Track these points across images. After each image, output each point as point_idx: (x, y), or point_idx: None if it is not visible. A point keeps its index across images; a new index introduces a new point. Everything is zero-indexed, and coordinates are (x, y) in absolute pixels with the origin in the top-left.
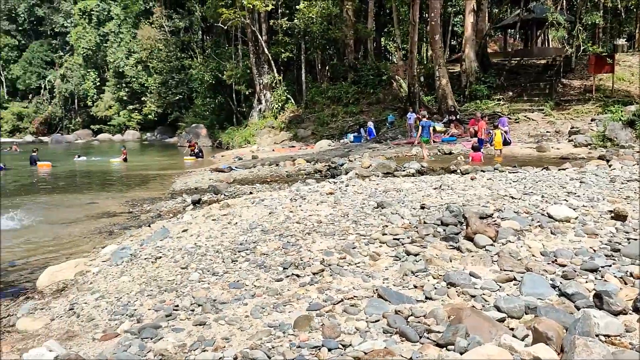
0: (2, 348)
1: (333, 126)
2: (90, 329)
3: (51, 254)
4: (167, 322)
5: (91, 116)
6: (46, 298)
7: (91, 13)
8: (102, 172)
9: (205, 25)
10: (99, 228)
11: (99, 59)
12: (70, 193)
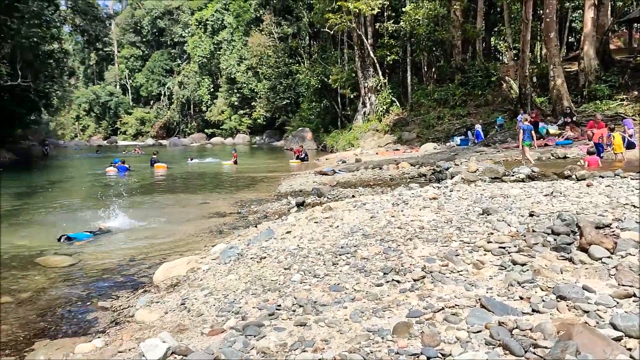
0: (123, 336)
1: (439, 129)
2: (199, 324)
3: (167, 250)
4: (270, 321)
5: (205, 120)
6: (161, 292)
7: (206, 23)
8: (214, 174)
9: (312, 31)
10: (210, 227)
11: (212, 66)
12: (185, 193)
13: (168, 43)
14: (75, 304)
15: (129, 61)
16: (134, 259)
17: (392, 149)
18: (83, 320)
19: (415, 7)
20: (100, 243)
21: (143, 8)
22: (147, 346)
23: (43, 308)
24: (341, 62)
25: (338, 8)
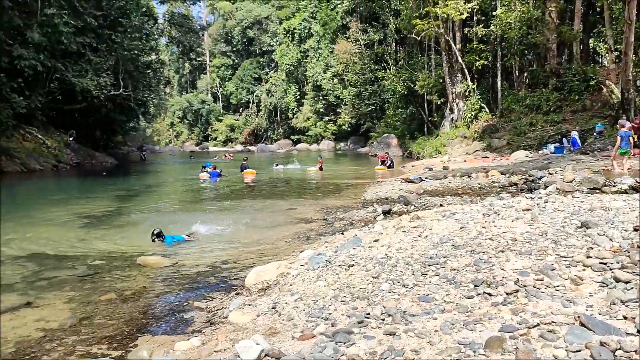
0: (218, 336)
1: (531, 136)
2: (290, 328)
3: (256, 254)
4: (359, 328)
5: (291, 127)
6: (253, 295)
7: (294, 31)
8: (299, 180)
9: (398, 37)
10: (297, 233)
11: (299, 73)
12: (272, 199)
13: (257, 52)
14: (173, 303)
15: (220, 70)
16: (226, 262)
17: (480, 157)
18: (181, 319)
19: (507, 10)
20: (194, 246)
21: (234, 19)
22: (242, 347)
23: (144, 305)
24: (428, 68)
25: (425, 14)
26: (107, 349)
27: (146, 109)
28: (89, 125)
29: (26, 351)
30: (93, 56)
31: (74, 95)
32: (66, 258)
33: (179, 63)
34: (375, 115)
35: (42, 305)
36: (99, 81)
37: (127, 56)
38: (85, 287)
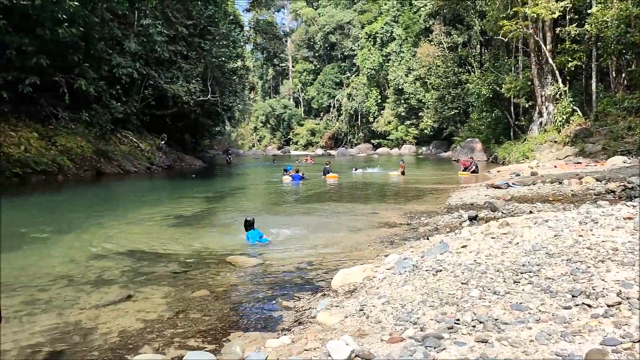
0: (308, 336)
1: (629, 140)
2: (378, 331)
3: (341, 257)
4: (449, 334)
5: (372, 131)
6: (339, 297)
7: (376, 36)
8: (380, 184)
9: (483, 39)
10: (380, 237)
11: (381, 77)
12: (353, 203)
13: (338, 57)
14: (262, 301)
15: (302, 75)
16: (311, 264)
17: (572, 162)
18: (270, 317)
19: (603, 7)
20: (279, 247)
21: (316, 25)
22: (332, 347)
23: (235, 303)
24: (515, 70)
25: (513, 14)
26: (202, 342)
27: (232, 113)
28: (179, 130)
29: (129, 340)
30: (184, 63)
31: (166, 100)
32: (161, 255)
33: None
34: (458, 119)
35: (142, 299)
36: (189, 87)
37: (214, 63)
38: (179, 283)
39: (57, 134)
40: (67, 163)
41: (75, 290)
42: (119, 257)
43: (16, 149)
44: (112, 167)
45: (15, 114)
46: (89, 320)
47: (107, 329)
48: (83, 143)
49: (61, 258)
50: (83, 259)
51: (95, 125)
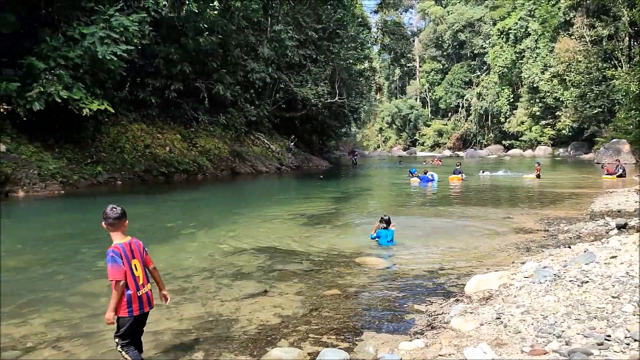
0: (442, 341)
1: None
2: (518, 341)
3: (472, 262)
4: (599, 350)
5: (503, 132)
6: (474, 303)
7: (509, 32)
8: (512, 188)
9: (632, 31)
10: (515, 243)
11: (513, 75)
12: (484, 206)
13: (468, 55)
14: (393, 304)
15: (429, 75)
16: (442, 268)
17: None
18: (401, 320)
19: None
20: (409, 249)
21: (445, 23)
22: (470, 354)
23: (366, 303)
24: None
25: None
26: (335, 339)
27: (358, 115)
28: (307, 131)
29: (267, 333)
30: (313, 67)
31: (295, 103)
32: (292, 253)
33: (390, 70)
34: (601, 119)
35: (277, 294)
36: (317, 90)
37: (342, 65)
38: (311, 281)
39: (197, 136)
40: (206, 163)
41: (216, 283)
42: (253, 253)
43: (162, 150)
44: (246, 167)
45: (162, 118)
46: (230, 311)
47: (247, 321)
48: (220, 144)
49: (202, 252)
50: (221, 254)
51: (231, 128)
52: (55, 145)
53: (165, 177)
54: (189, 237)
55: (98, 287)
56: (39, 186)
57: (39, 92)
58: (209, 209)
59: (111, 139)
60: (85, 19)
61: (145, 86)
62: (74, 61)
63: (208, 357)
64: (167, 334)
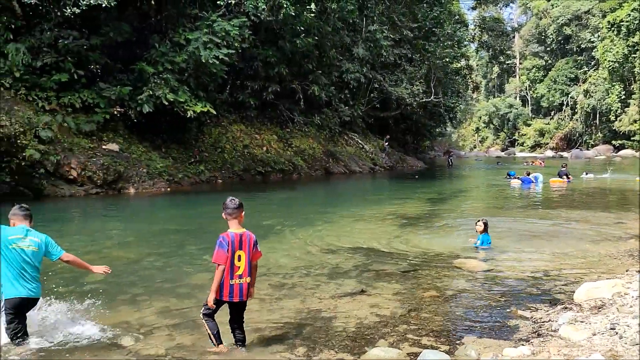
0: (550, 349)
1: None
2: (636, 354)
3: (581, 269)
4: None
5: (613, 131)
6: (584, 312)
7: (620, 24)
8: (622, 191)
9: None
10: (629, 250)
11: (625, 71)
12: (591, 210)
13: (574, 50)
14: (494, 308)
15: (530, 72)
16: (547, 273)
17: None
18: (504, 325)
19: None
20: (510, 253)
21: (549, 17)
22: None
23: (465, 306)
24: None
25: None
26: (434, 341)
27: (454, 114)
28: (401, 131)
29: (366, 331)
30: (408, 66)
31: (390, 103)
32: (388, 253)
33: (487, 67)
34: None
35: (374, 294)
36: (412, 89)
37: (438, 64)
38: (408, 282)
39: (292, 136)
40: (301, 163)
41: (313, 280)
42: (349, 251)
43: (260, 150)
44: (339, 167)
45: (260, 119)
46: (328, 309)
47: (345, 319)
48: (314, 145)
49: (299, 249)
50: (317, 252)
51: (325, 128)
52: (162, 146)
53: (262, 176)
54: (286, 234)
55: (203, 279)
56: (147, 184)
57: (148, 95)
58: (304, 208)
59: (213, 140)
60: (190, 25)
61: (245, 88)
62: (179, 65)
63: (309, 353)
64: (268, 327)
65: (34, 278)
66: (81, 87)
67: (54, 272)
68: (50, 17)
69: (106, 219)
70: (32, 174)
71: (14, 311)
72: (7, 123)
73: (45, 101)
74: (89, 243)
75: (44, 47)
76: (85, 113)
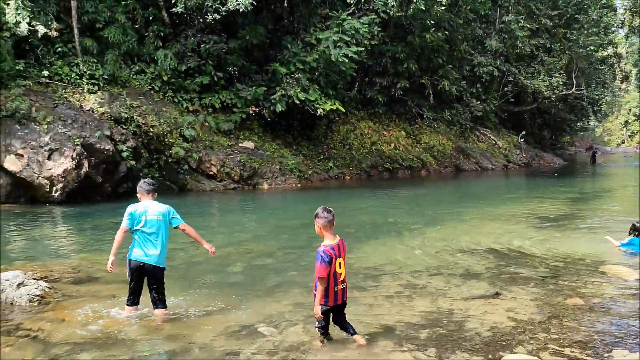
0: None
1: None
2: None
3: None
4: None
5: None
6: None
7: None
8: None
9: None
10: None
11: None
12: None
13: None
14: None
15: None
16: None
17: None
18: None
19: None
20: None
21: None
22: None
23: (615, 317)
24: None
25: None
26: (579, 353)
27: (598, 107)
28: (537, 126)
29: (501, 337)
30: (546, 57)
31: (525, 96)
32: (524, 255)
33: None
34: None
35: (510, 298)
36: (551, 81)
37: (581, 53)
38: (547, 288)
39: (421, 132)
40: (430, 160)
41: (444, 281)
42: (482, 252)
43: (387, 146)
44: (470, 164)
45: (388, 115)
46: (460, 311)
47: (478, 322)
48: (444, 141)
49: (428, 249)
50: (448, 252)
51: (456, 124)
52: (293, 143)
53: (389, 173)
54: (414, 232)
55: None
56: (279, 180)
57: (281, 95)
58: (433, 206)
59: (341, 137)
60: (320, 25)
61: (373, 85)
62: (310, 65)
63: (440, 354)
64: (398, 325)
65: (162, 246)
66: (220, 88)
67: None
68: (194, 24)
69: (243, 213)
70: (177, 170)
71: (133, 273)
72: (156, 123)
73: (189, 102)
74: (229, 235)
75: (188, 52)
76: (224, 113)
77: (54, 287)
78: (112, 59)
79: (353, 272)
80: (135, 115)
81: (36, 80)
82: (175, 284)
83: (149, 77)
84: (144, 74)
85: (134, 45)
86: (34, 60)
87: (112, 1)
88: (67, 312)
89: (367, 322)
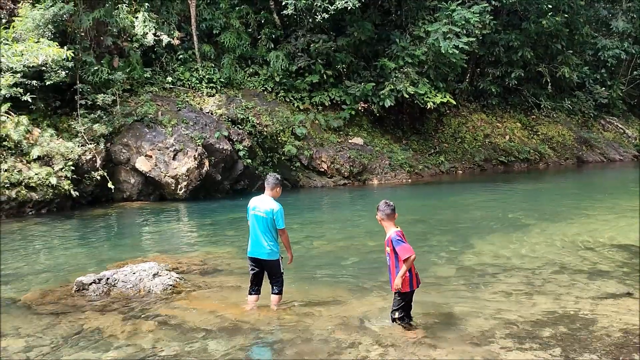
0: None
1: None
2: None
3: None
4: None
5: None
6: None
7: None
8: None
9: None
10: None
11: None
12: None
13: None
14: None
15: None
16: None
17: None
18: None
19: None
20: None
21: None
22: None
23: None
24: None
25: None
26: None
27: None
28: None
29: (634, 339)
30: None
31: None
32: None
33: None
34: None
35: None
36: None
37: None
38: None
39: (538, 123)
40: (548, 152)
41: (568, 278)
42: (610, 249)
43: (502, 139)
44: (594, 155)
45: (501, 106)
46: (587, 310)
47: (607, 323)
48: (564, 131)
49: (549, 244)
50: (572, 248)
51: (577, 113)
52: (402, 138)
53: (504, 167)
54: (534, 228)
55: (449, 271)
56: (389, 175)
57: (389, 90)
58: (553, 200)
59: (452, 130)
60: (429, 17)
61: (485, 75)
62: (419, 58)
63: (566, 355)
64: (519, 323)
65: (268, 240)
66: (329, 86)
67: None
68: (304, 25)
69: (354, 208)
70: (290, 167)
71: (251, 265)
72: (270, 123)
73: (300, 101)
74: (341, 231)
75: (298, 52)
76: (334, 110)
77: (184, 278)
78: (228, 63)
79: (471, 268)
80: (250, 116)
81: (161, 86)
82: (292, 275)
83: (262, 79)
84: (258, 76)
85: (247, 49)
86: (159, 67)
87: (228, 7)
88: (197, 302)
89: (486, 317)
